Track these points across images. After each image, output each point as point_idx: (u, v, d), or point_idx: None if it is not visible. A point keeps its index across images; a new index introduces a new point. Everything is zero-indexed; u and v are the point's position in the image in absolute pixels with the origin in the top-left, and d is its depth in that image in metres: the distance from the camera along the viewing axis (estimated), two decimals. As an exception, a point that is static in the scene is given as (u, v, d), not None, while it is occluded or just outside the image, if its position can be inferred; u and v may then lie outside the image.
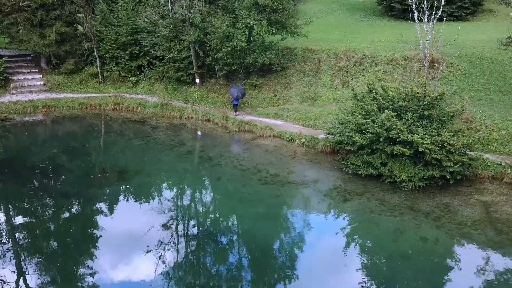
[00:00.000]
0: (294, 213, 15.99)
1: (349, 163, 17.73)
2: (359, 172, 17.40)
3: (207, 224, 15.36)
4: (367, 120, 16.72)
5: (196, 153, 21.07)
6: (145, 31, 30.96)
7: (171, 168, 19.98)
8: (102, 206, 16.42)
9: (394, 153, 16.21)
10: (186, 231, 14.90)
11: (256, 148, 21.53)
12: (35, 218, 15.47)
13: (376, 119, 16.56)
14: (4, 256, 13.21)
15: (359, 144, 16.94)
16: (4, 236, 14.37)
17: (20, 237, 14.38)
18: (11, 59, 32.89)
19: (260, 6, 25.32)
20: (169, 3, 28.73)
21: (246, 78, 28.78)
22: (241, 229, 15.06)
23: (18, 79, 31.77)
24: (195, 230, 15.02)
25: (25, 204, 16.42)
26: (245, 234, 14.71)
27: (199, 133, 24.84)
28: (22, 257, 13.31)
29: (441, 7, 19.56)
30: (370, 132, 16.53)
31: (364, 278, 12.29)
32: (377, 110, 17.11)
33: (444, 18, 22.36)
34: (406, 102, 16.65)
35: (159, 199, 17.09)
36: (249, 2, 24.97)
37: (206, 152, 21.20)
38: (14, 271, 12.56)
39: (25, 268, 12.82)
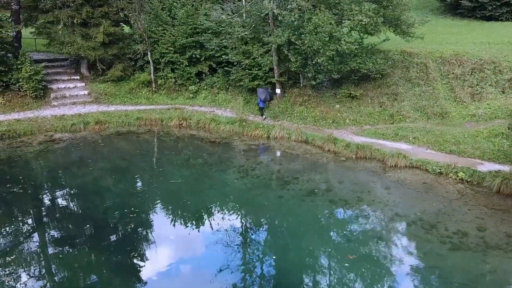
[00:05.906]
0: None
1: None
2: None
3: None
4: None
5: (321, 194, 14.74)
6: (209, 31, 24.83)
7: (298, 219, 13.52)
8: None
9: None
10: None
11: (398, 185, 15.35)
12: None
13: None
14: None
15: None
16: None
17: None
18: (48, 64, 26.61)
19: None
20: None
21: (336, 87, 22.71)
22: None
23: (58, 88, 25.42)
24: None
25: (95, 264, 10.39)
26: None
27: (278, 152, 18.79)
28: None
29: None
30: None
31: None
32: None
33: None
34: None
35: (301, 273, 11.08)
36: (360, -5, 18.90)
37: (335, 192, 14.93)
38: None
39: None
